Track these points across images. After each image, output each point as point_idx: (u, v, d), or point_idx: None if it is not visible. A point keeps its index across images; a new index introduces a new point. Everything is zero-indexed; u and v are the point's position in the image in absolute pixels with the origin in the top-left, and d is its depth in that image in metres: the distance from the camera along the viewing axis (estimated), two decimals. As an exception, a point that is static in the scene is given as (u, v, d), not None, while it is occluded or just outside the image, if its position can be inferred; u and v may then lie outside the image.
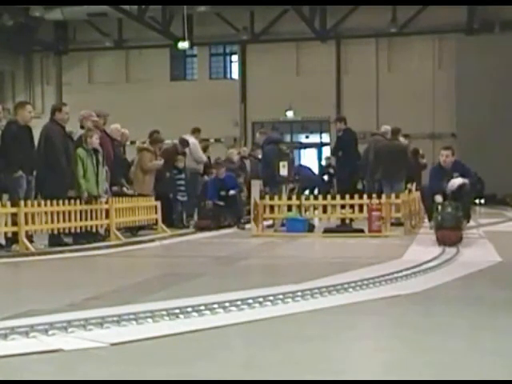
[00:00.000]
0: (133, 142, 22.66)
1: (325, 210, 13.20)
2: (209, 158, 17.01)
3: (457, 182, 10.98)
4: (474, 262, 8.08)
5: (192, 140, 15.71)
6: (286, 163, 14.00)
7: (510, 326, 4.74)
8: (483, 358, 3.85)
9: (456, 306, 5.54)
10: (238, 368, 3.68)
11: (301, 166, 20.86)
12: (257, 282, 7.09)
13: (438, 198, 10.78)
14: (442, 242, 9.59)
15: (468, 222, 11.66)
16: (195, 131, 16.34)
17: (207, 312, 4.96)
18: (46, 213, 10.47)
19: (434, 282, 6.57)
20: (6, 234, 10.06)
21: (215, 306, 5.07)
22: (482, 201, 25.76)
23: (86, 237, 11.10)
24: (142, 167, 13.70)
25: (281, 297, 5.50)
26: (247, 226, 14.35)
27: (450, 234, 9.64)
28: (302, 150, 31.20)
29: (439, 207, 10.39)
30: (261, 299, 5.35)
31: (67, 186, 10.92)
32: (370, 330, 4.79)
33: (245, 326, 4.70)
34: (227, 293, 5.70)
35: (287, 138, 30.67)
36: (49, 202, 10.50)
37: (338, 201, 13.20)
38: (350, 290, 6.02)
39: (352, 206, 13.15)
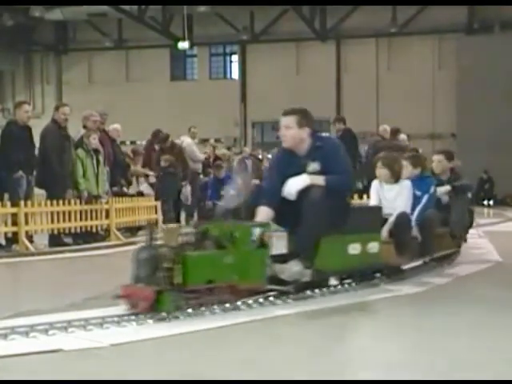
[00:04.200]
0: (133, 142, 22.72)
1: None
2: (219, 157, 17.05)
3: (295, 184, 5.72)
4: (474, 262, 8.08)
5: (187, 140, 15.73)
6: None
7: (510, 326, 4.74)
8: (483, 358, 3.85)
9: (456, 305, 5.54)
10: (238, 368, 3.68)
11: None
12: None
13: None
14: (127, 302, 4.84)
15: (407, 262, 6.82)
16: (189, 130, 16.38)
17: (207, 312, 4.97)
18: (46, 213, 10.48)
19: (433, 283, 6.57)
20: (6, 234, 10.06)
21: (215, 306, 5.07)
22: (491, 202, 25.65)
23: (85, 237, 11.10)
24: None
25: (283, 297, 5.50)
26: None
27: (136, 292, 4.80)
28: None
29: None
30: (261, 299, 5.36)
31: (62, 186, 10.87)
32: (369, 329, 4.79)
33: (244, 327, 4.70)
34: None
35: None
36: (49, 202, 10.51)
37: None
38: (350, 290, 6.03)
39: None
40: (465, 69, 27.07)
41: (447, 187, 8.15)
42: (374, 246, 6.21)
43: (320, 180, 5.71)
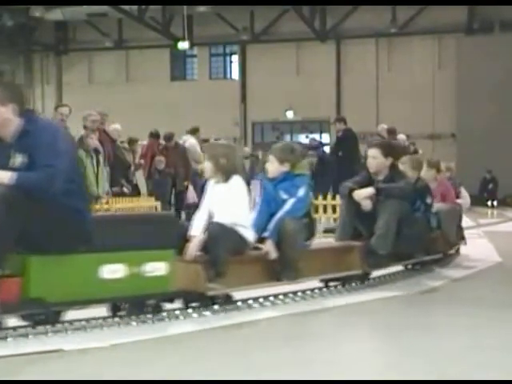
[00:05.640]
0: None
1: (325, 210, 13.19)
2: None
3: None
4: (474, 263, 8.08)
5: (191, 140, 15.70)
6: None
7: (510, 326, 4.74)
8: (483, 358, 3.85)
9: (456, 305, 5.54)
10: (238, 368, 3.68)
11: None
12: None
13: None
14: None
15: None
16: (195, 131, 16.32)
17: (207, 313, 4.97)
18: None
19: (433, 283, 6.57)
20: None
21: (215, 306, 5.07)
22: (495, 202, 25.54)
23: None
24: None
25: (281, 297, 5.51)
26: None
27: None
28: (302, 150, 31.25)
29: None
30: (261, 299, 5.36)
31: None
32: (369, 330, 4.79)
33: (245, 326, 4.70)
34: (227, 293, 5.68)
35: (287, 138, 30.72)
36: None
37: (338, 201, 13.18)
38: (350, 290, 6.03)
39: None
40: (465, 69, 27.05)
41: (369, 190, 6.44)
42: (157, 268, 4.72)
43: (6, 177, 4.22)
